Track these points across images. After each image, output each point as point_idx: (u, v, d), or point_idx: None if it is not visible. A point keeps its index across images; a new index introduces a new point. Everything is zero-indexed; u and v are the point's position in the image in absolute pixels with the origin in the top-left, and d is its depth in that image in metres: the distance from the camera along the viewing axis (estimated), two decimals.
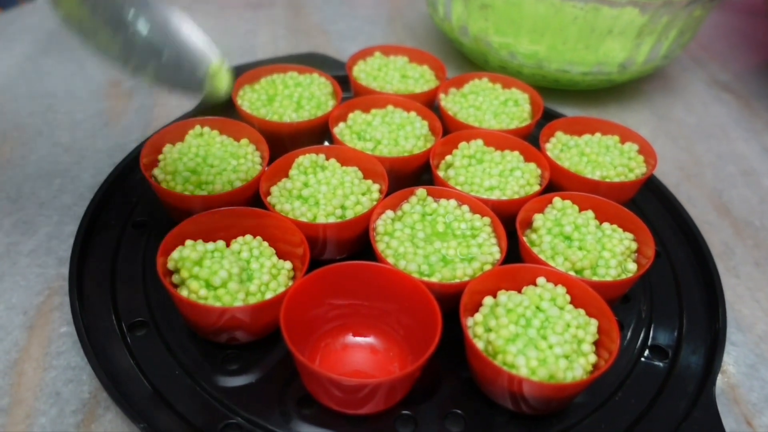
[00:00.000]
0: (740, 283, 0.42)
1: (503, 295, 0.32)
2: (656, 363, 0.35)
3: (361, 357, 0.33)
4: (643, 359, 0.35)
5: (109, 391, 0.30)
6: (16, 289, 0.38)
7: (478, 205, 0.37)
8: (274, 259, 0.34)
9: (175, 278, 0.33)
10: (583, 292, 0.32)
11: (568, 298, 0.32)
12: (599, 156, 0.42)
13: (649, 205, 0.46)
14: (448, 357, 0.33)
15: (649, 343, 0.36)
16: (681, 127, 0.58)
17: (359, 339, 0.34)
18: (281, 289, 0.32)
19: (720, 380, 0.36)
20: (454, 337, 0.32)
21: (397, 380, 0.29)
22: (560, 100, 0.59)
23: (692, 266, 0.41)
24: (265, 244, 0.35)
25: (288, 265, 0.34)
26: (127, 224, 0.41)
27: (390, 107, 0.45)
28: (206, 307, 0.30)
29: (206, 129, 0.41)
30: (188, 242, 0.33)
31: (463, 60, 0.64)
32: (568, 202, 0.38)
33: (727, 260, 0.44)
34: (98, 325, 0.34)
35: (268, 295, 0.32)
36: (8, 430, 0.31)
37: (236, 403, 0.31)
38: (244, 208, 0.35)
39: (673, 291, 0.39)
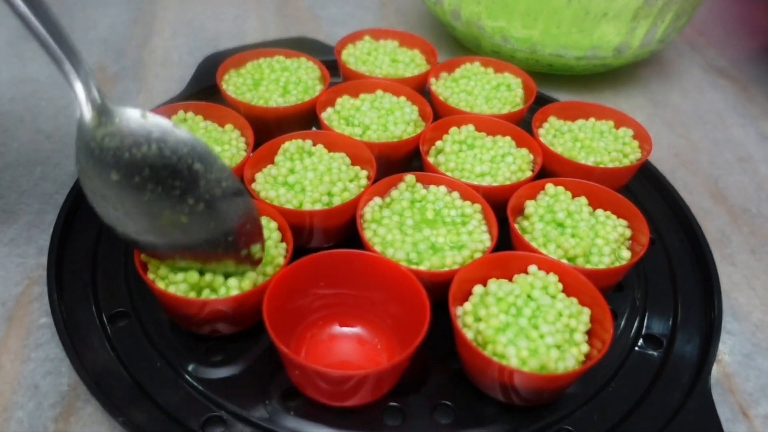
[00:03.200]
0: (736, 271, 0.42)
1: (493, 284, 0.31)
2: (650, 352, 0.34)
3: (348, 348, 0.32)
4: (636, 348, 0.34)
5: (87, 384, 0.29)
6: None
7: (469, 192, 0.36)
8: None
9: (159, 271, 0.31)
10: (575, 281, 0.32)
11: (560, 286, 0.32)
12: (593, 141, 0.41)
13: (644, 191, 0.45)
14: (438, 348, 0.32)
15: (643, 332, 0.35)
16: (677, 113, 0.57)
17: (346, 329, 0.33)
18: (262, 280, 0.31)
19: (715, 370, 0.35)
20: (444, 327, 0.31)
21: (385, 371, 0.28)
22: (554, 85, 0.58)
23: (687, 254, 0.40)
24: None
25: (282, 249, 0.33)
26: None
27: (379, 92, 0.44)
28: (185, 299, 0.29)
29: (189, 114, 0.40)
30: None
31: (456, 45, 0.63)
32: (560, 188, 0.37)
33: (722, 248, 0.43)
34: (78, 315, 0.33)
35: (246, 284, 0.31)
36: None
37: (220, 396, 0.30)
38: None
39: (668, 279, 0.39)
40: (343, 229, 0.36)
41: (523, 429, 0.30)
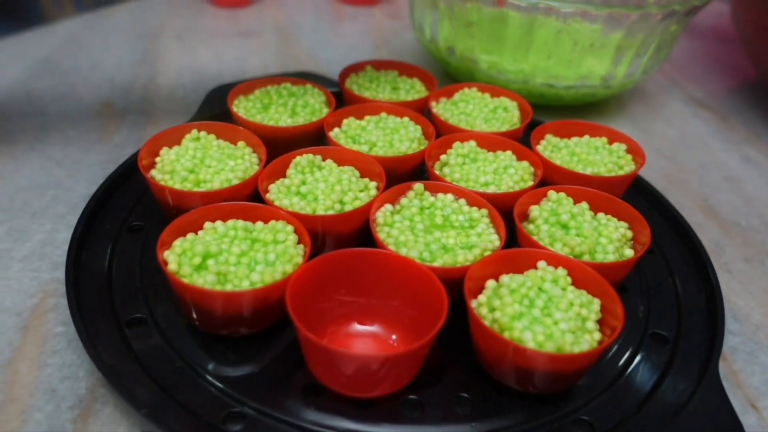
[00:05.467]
0: (733, 278, 0.43)
1: (506, 277, 0.32)
2: (658, 347, 0.35)
3: (366, 345, 0.33)
4: (644, 344, 0.35)
5: (109, 380, 0.29)
6: (9, 292, 0.37)
7: (475, 198, 0.38)
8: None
9: (181, 270, 0.32)
10: (584, 274, 0.33)
11: (569, 279, 0.33)
12: (589, 155, 0.43)
13: (639, 205, 0.46)
14: (454, 344, 0.33)
15: (649, 330, 0.36)
16: (663, 140, 0.60)
17: (364, 327, 0.34)
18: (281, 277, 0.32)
19: (721, 366, 0.36)
20: (458, 325, 0.32)
21: (406, 355, 0.28)
22: (546, 115, 0.60)
23: (685, 259, 0.42)
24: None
25: (300, 249, 0.34)
26: (122, 229, 0.40)
27: (383, 114, 0.46)
28: (210, 291, 0.30)
29: (203, 133, 0.42)
30: (189, 235, 0.33)
31: (451, 81, 0.66)
32: (562, 195, 0.38)
33: (717, 257, 0.45)
34: (96, 320, 0.34)
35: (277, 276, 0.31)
36: (2, 427, 0.30)
37: (239, 392, 0.31)
38: (242, 203, 0.35)
39: (668, 283, 0.40)
40: (355, 236, 0.37)
41: (541, 419, 0.31)
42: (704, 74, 0.75)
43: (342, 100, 0.50)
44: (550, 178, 0.42)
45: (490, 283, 0.33)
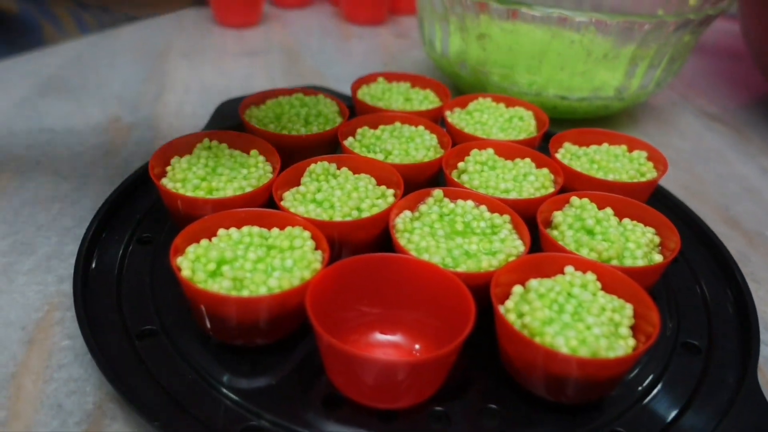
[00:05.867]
0: (761, 287, 0.42)
1: (534, 281, 0.31)
2: (691, 356, 0.34)
3: (388, 355, 0.31)
4: (676, 355, 0.34)
5: (120, 392, 0.28)
6: (14, 305, 0.36)
7: (497, 204, 0.37)
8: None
9: (195, 276, 0.31)
10: (614, 279, 0.31)
11: (598, 284, 0.31)
12: (609, 163, 0.42)
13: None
14: (479, 352, 0.32)
15: (680, 339, 0.35)
16: (679, 153, 0.59)
17: (385, 337, 0.32)
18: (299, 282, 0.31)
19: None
20: (483, 333, 0.30)
21: (433, 361, 0.27)
22: (558, 129, 0.59)
23: (710, 266, 0.40)
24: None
25: (319, 255, 0.32)
26: (132, 240, 0.39)
27: (398, 123, 0.45)
28: (225, 297, 0.29)
29: (214, 143, 0.41)
30: (203, 241, 0.32)
31: (462, 95, 0.65)
32: (586, 200, 0.37)
33: (743, 266, 0.43)
34: (105, 332, 0.32)
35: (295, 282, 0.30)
36: None
37: (256, 405, 0.29)
38: (257, 209, 0.34)
39: (695, 289, 0.39)
40: (373, 243, 0.36)
41: (574, 430, 0.29)
42: (715, 90, 0.74)
43: (354, 113, 0.50)
44: (570, 185, 0.40)
45: (517, 289, 0.31)
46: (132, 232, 0.40)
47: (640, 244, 0.34)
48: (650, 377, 0.32)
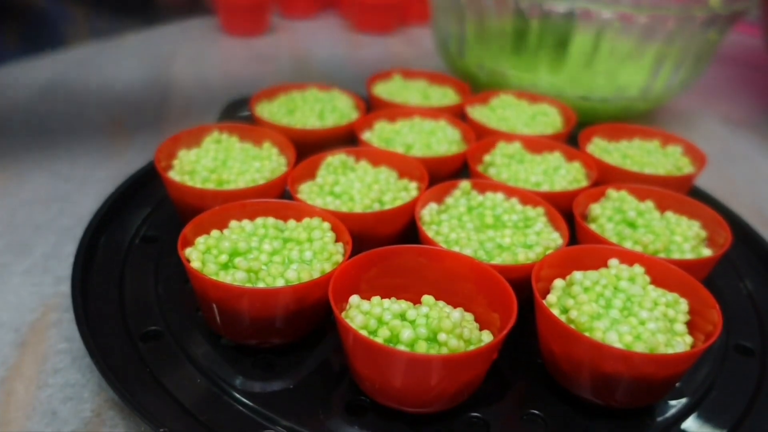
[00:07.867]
0: None
1: (578, 274, 0.28)
2: (745, 359, 0.31)
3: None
4: (729, 358, 0.31)
5: (122, 396, 0.25)
6: (6, 307, 0.33)
7: (529, 196, 0.34)
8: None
9: (205, 268, 0.28)
10: (665, 271, 0.29)
11: (647, 278, 0.29)
12: (643, 157, 0.40)
13: None
14: (519, 353, 0.29)
15: (731, 341, 0.32)
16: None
17: None
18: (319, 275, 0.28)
19: None
20: (522, 332, 0.27)
21: (472, 357, 0.24)
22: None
23: (753, 264, 0.38)
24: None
25: (340, 248, 0.30)
26: (135, 238, 0.36)
27: (417, 117, 0.42)
28: (240, 288, 0.26)
29: (224, 135, 0.38)
30: (214, 232, 0.29)
31: None
32: (624, 192, 0.35)
33: None
34: (105, 334, 0.29)
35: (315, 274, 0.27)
36: None
37: (271, 411, 0.26)
38: (272, 200, 0.31)
39: (740, 288, 0.36)
40: (396, 237, 0.33)
41: None
42: (737, 96, 0.72)
43: (370, 109, 0.47)
44: (603, 179, 0.38)
45: (558, 283, 0.28)
46: (136, 230, 0.37)
47: (687, 237, 0.32)
48: (704, 381, 0.29)
